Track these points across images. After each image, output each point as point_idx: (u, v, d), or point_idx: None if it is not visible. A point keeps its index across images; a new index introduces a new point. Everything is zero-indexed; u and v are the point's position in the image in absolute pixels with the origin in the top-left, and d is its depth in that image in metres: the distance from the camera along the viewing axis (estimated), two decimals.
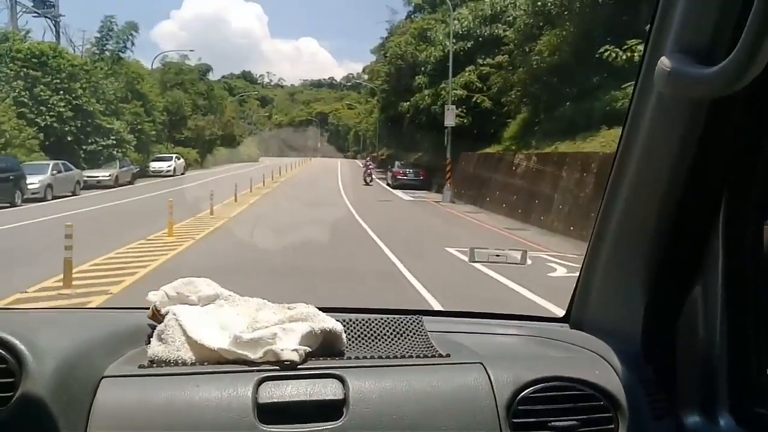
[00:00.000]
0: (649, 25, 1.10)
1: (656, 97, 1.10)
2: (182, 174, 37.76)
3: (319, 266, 9.08)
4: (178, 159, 38.51)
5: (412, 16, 42.03)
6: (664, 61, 0.85)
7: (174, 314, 1.27)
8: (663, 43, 1.01)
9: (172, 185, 27.15)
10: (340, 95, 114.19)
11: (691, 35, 0.93)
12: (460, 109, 25.67)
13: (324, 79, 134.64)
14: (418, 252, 11.30)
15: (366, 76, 70.69)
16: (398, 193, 27.70)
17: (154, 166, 36.17)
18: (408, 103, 31.88)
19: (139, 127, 36.37)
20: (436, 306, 6.96)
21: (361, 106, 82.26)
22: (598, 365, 1.25)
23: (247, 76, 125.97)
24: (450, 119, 24.77)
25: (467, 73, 27.51)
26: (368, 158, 41.74)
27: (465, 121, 26.23)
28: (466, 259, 9.07)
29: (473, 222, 17.74)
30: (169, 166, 36.36)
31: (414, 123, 32.24)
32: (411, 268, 9.21)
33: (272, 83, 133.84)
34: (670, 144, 1.10)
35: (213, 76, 68.28)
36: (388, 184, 32.25)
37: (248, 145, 71.80)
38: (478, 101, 26.41)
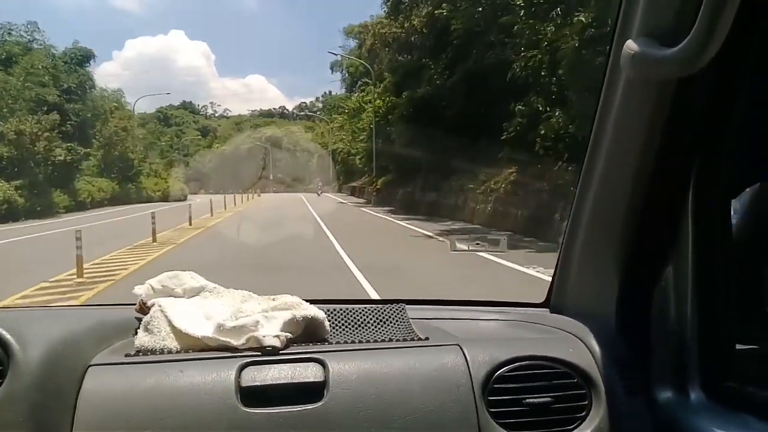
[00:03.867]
0: (616, 10, 1.07)
1: (624, 82, 1.09)
2: None
3: None
4: None
5: None
6: (630, 45, 0.85)
7: (159, 306, 1.29)
8: (630, 27, 1.00)
9: None
10: (294, 123, 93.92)
11: (655, 18, 0.93)
12: None
13: (275, 109, 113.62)
14: None
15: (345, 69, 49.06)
16: None
17: None
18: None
19: None
20: None
21: (323, 125, 63.28)
22: (573, 345, 1.26)
23: (187, 106, 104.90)
24: None
25: None
26: (319, 181, 53.15)
27: None
28: None
29: None
30: None
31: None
32: None
33: (216, 114, 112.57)
34: (638, 128, 1.10)
35: (149, 109, 48.47)
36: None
37: (172, 179, 53.20)
38: None
